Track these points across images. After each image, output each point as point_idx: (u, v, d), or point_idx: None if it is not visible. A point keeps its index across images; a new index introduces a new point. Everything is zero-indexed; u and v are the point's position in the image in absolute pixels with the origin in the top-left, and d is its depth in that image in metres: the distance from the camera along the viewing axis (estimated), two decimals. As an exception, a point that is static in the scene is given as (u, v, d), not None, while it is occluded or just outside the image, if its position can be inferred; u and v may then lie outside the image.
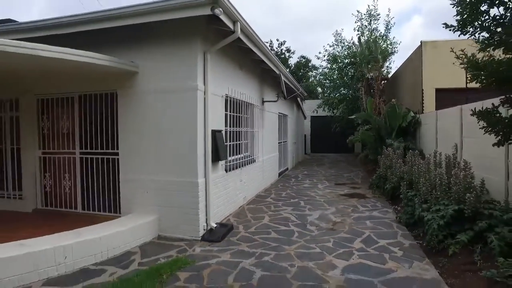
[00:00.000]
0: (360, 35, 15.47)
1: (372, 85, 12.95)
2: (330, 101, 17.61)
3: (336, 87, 17.90)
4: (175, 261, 3.86)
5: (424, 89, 9.89)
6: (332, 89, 18.31)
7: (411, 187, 5.79)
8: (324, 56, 18.55)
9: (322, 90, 22.63)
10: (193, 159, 4.70)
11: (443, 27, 2.65)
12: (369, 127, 11.13)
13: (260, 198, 7.53)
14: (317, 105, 18.60)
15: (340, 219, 5.68)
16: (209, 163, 4.92)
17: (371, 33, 15.95)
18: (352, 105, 16.19)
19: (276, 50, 24.78)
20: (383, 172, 7.83)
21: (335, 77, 18.02)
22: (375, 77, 12.57)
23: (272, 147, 9.88)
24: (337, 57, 17.58)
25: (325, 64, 20.89)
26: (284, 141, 12.04)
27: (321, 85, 21.51)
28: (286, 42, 28.10)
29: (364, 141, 11.79)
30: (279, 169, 10.87)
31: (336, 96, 17.78)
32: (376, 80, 12.45)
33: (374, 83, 12.57)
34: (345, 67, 17.20)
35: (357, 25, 16.59)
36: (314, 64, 26.42)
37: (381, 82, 12.67)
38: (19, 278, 3.30)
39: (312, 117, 20.31)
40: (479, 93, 4.34)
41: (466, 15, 2.49)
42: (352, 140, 12.10)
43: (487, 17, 2.49)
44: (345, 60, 17.19)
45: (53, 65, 4.38)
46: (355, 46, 16.15)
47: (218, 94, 5.42)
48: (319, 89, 24.50)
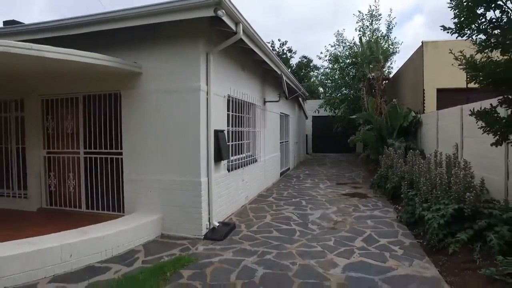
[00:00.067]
0: (361, 35, 15.49)
1: (373, 85, 12.97)
2: (332, 101, 17.62)
3: (337, 87, 17.90)
4: (178, 259, 3.92)
5: (425, 89, 9.92)
6: (333, 89, 18.31)
7: (412, 186, 5.83)
8: (326, 56, 18.60)
9: (323, 90, 22.65)
10: (196, 158, 4.76)
11: (441, 29, 2.70)
12: (370, 127, 11.17)
13: (262, 197, 7.58)
14: (319, 105, 18.61)
15: (341, 218, 5.72)
16: (211, 162, 4.98)
17: (373, 33, 15.98)
18: (353, 105, 16.20)
19: (277, 50, 24.79)
20: (384, 172, 7.87)
21: (336, 77, 18.04)
22: (376, 77, 12.59)
23: (274, 147, 9.92)
24: (338, 57, 17.60)
25: (326, 64, 20.93)
26: (285, 141, 12.07)
27: (323, 85, 21.52)
28: (287, 42, 28.07)
29: (365, 141, 11.83)
30: (280, 168, 10.91)
31: (337, 96, 17.78)
32: (377, 80, 12.47)
33: (376, 83, 12.59)
34: (346, 67, 17.22)
35: (359, 25, 16.60)
36: (316, 64, 26.43)
37: (383, 82, 12.69)
38: (27, 274, 3.36)
39: (313, 117, 20.32)
40: (479, 93, 4.38)
41: (463, 18, 2.54)
42: (353, 140, 12.13)
43: (483, 19, 2.54)
44: (346, 60, 17.21)
45: (58, 66, 4.45)
46: (357, 46, 16.17)
47: (221, 95, 5.48)
48: (320, 89, 24.51)
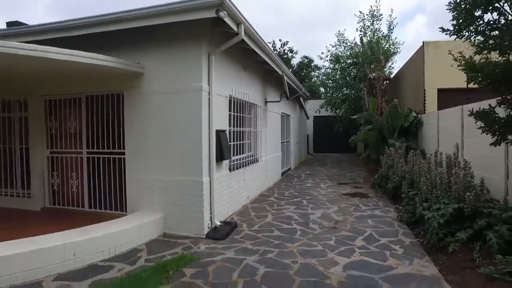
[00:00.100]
0: (362, 36, 15.51)
1: (374, 85, 12.98)
2: (333, 101, 17.64)
3: (338, 87, 17.92)
4: (180, 258, 3.96)
5: (426, 89, 9.93)
6: (334, 89, 18.33)
7: (413, 186, 5.85)
8: (327, 56, 18.63)
9: (324, 90, 22.66)
10: (198, 158, 4.79)
11: (440, 31, 2.73)
12: (371, 127, 11.19)
13: (263, 197, 7.61)
14: (320, 105, 18.64)
15: (342, 217, 5.75)
16: (213, 162, 5.01)
17: (374, 33, 16.00)
18: (354, 105, 16.22)
19: (278, 50, 24.83)
20: (385, 171, 7.89)
21: (337, 77, 18.06)
22: (377, 77, 12.60)
23: (275, 147, 9.96)
24: (339, 57, 17.63)
25: (327, 64, 20.97)
26: (287, 141, 12.10)
27: (324, 85, 21.54)
28: (288, 42, 28.07)
29: (366, 141, 11.84)
30: (282, 168, 10.94)
31: (338, 96, 17.80)
32: (378, 80, 12.48)
33: (377, 83, 12.60)
34: (347, 67, 17.25)
35: (360, 25, 16.64)
36: (317, 64, 26.46)
37: (384, 82, 12.69)
38: (31, 273, 3.41)
39: (314, 117, 20.33)
40: (480, 93, 4.40)
41: (461, 20, 2.57)
42: (354, 140, 12.14)
43: (481, 22, 2.57)
44: (347, 60, 17.24)
45: (62, 67, 4.49)
46: (358, 46, 16.19)
47: (222, 95, 5.52)
48: (321, 89, 24.54)
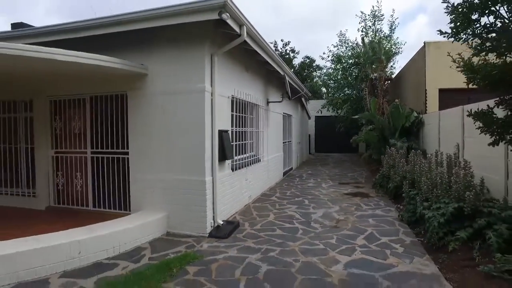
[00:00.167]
0: (364, 36, 15.55)
1: (376, 85, 13.02)
2: (334, 101, 17.68)
3: (340, 87, 17.97)
4: (184, 256, 4.02)
5: (427, 89, 9.94)
6: (336, 89, 18.38)
7: (413, 186, 5.89)
8: (328, 56, 18.69)
9: (326, 90, 22.70)
10: (201, 158, 4.85)
11: (438, 33, 2.78)
12: (372, 127, 11.22)
13: (265, 196, 7.67)
14: (321, 105, 18.69)
15: (344, 217, 5.80)
16: (216, 162, 5.07)
17: (375, 33, 16.02)
18: (356, 105, 16.26)
19: (280, 50, 24.86)
20: (386, 171, 7.93)
21: (339, 77, 18.12)
22: (379, 77, 12.63)
23: (277, 147, 10.01)
24: (341, 57, 17.67)
25: (329, 64, 21.00)
26: (288, 141, 12.15)
27: (325, 85, 21.59)
28: (290, 42, 28.03)
29: (367, 141, 11.87)
30: (283, 168, 10.99)
31: (340, 96, 17.85)
32: (380, 81, 12.52)
33: (378, 83, 12.63)
34: (349, 68, 17.30)
35: (361, 25, 16.69)
36: (318, 64, 26.47)
37: (385, 83, 12.73)
38: (38, 270, 3.48)
39: (316, 117, 20.37)
40: (480, 94, 4.43)
41: (459, 23, 2.62)
42: (356, 140, 12.17)
43: (478, 25, 2.62)
44: (349, 60, 17.29)
45: (67, 68, 4.56)
46: (359, 46, 16.22)
47: (225, 95, 5.58)
48: (323, 89, 24.57)
